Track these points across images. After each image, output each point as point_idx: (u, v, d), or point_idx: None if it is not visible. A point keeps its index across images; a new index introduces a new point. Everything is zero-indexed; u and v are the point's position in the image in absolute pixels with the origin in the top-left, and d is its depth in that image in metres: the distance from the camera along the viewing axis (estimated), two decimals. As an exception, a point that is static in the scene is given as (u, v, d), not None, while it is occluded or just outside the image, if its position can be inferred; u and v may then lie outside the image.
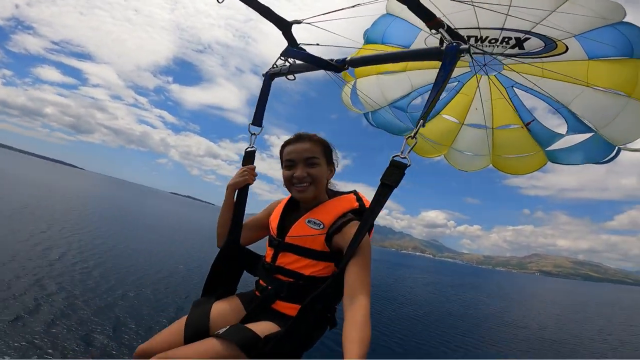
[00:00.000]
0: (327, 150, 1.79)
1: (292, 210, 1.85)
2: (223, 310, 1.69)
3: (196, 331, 1.55)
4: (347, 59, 1.92)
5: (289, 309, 1.60)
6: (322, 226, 1.61)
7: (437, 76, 1.49)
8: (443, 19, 1.57)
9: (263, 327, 1.50)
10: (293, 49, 2.02)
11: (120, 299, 8.36)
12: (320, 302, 1.44)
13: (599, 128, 3.62)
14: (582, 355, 11.61)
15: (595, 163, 4.02)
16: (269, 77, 2.09)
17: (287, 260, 1.66)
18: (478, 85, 4.10)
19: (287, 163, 1.74)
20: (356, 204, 1.70)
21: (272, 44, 20.61)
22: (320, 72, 2.17)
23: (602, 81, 3.13)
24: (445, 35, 1.60)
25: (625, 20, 2.66)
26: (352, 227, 1.53)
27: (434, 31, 1.66)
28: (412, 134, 1.39)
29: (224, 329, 1.46)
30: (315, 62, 1.95)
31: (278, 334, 1.44)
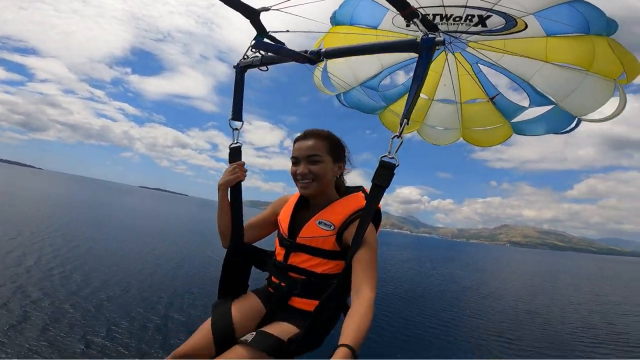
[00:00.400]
0: (333, 147, 1.78)
1: (302, 208, 1.87)
2: (243, 310, 1.74)
3: (222, 334, 1.60)
4: (322, 51, 1.83)
5: (305, 304, 1.67)
6: (332, 227, 1.65)
7: (415, 70, 1.47)
8: None
9: (284, 330, 1.56)
10: (263, 41, 1.93)
11: (106, 300, 8.33)
12: (333, 300, 1.50)
13: (559, 101, 3.79)
14: (557, 329, 12.38)
15: (557, 133, 4.22)
16: (240, 69, 2.01)
17: (299, 260, 1.70)
18: (445, 63, 4.19)
19: (293, 160, 1.78)
20: (364, 203, 1.68)
21: (238, 29, 19.26)
22: (296, 46, 2.10)
23: (560, 56, 3.26)
24: (420, 25, 1.55)
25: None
26: (357, 223, 1.56)
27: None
28: (398, 133, 1.40)
29: (250, 337, 1.51)
30: (288, 55, 1.87)
31: (299, 335, 1.50)
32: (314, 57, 1.81)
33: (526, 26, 3.09)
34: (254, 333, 1.54)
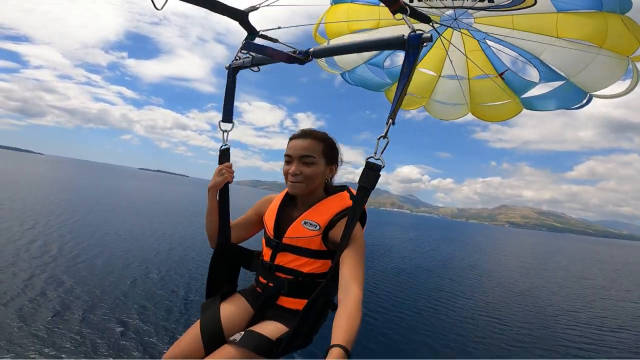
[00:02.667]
0: (328, 148, 1.77)
1: (288, 207, 1.87)
2: (231, 311, 1.76)
3: (211, 335, 1.63)
4: (310, 51, 1.78)
5: (292, 303, 1.70)
6: (318, 227, 1.65)
7: (402, 68, 1.43)
8: None
9: (273, 329, 1.60)
10: (253, 43, 1.90)
11: (132, 286, 8.67)
12: (321, 298, 1.53)
13: (571, 76, 3.65)
14: (541, 312, 12.51)
15: (568, 108, 4.10)
16: (232, 70, 1.99)
17: (286, 260, 1.71)
18: (451, 39, 4.03)
19: (286, 158, 1.76)
20: (349, 202, 1.73)
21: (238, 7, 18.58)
22: (291, 36, 2.05)
23: (571, 33, 3.11)
24: (408, 22, 1.51)
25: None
26: (344, 223, 1.56)
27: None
28: (384, 134, 1.37)
29: (239, 336, 1.54)
30: (276, 56, 1.82)
31: (288, 334, 1.53)
32: (302, 58, 1.77)
33: (535, 2, 2.93)
34: (243, 332, 1.58)
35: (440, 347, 8.25)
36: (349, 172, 1.80)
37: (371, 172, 1.42)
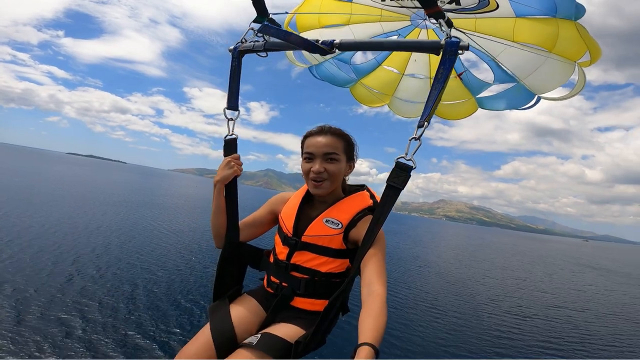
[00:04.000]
0: (349, 146, 1.77)
1: (305, 206, 1.83)
2: (242, 313, 1.69)
3: (224, 340, 1.55)
4: (336, 42, 1.71)
5: (307, 304, 1.67)
6: (340, 225, 1.65)
7: (437, 72, 1.47)
8: None
9: (289, 331, 1.55)
10: (273, 26, 1.79)
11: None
12: (340, 298, 1.51)
13: (522, 78, 4.00)
14: (468, 300, 13.80)
15: (517, 109, 4.48)
16: (238, 53, 1.87)
17: (304, 259, 1.68)
18: (418, 38, 4.23)
19: (307, 156, 1.72)
20: (370, 202, 1.75)
21: None
22: (248, 23, 1.88)
23: (525, 37, 3.40)
24: (445, 27, 1.55)
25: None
26: (366, 222, 1.59)
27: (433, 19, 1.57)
28: (417, 136, 1.40)
29: (255, 339, 1.49)
30: (298, 42, 1.73)
31: (306, 336, 1.50)
32: (327, 48, 1.72)
33: (497, 6, 3.18)
34: (259, 335, 1.52)
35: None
36: (299, 162, 1.86)
37: (402, 172, 1.46)
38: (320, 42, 1.72)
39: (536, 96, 4.11)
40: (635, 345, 10.88)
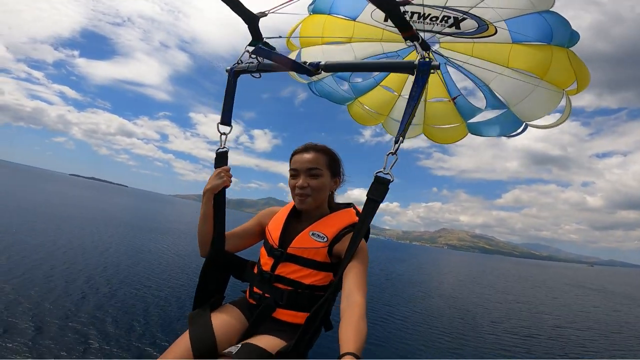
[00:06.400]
0: (332, 162, 1.85)
1: (293, 220, 1.86)
2: (223, 323, 1.67)
3: (204, 349, 1.51)
4: (321, 64, 1.89)
5: (289, 316, 1.66)
6: (325, 239, 1.68)
7: (411, 91, 1.58)
8: None
9: (270, 342, 1.53)
10: (265, 49, 1.96)
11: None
12: (322, 311, 1.51)
13: (511, 105, 4.17)
14: (471, 323, 13.88)
15: (505, 136, 4.65)
16: (234, 74, 2.02)
17: (288, 270, 1.69)
18: (416, 59, 4.41)
19: (292, 172, 1.79)
20: (356, 219, 1.78)
21: (207, 20, 17.93)
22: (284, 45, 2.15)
23: (519, 63, 3.59)
24: (419, 49, 1.70)
25: (552, 8, 3.07)
26: (350, 237, 1.61)
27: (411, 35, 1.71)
28: (393, 151, 1.49)
29: (235, 349, 1.46)
30: (287, 64, 1.91)
31: (288, 347, 1.47)
32: (313, 69, 1.88)
33: (496, 31, 3.37)
34: (239, 345, 1.49)
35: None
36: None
37: (380, 186, 1.53)
38: (307, 64, 1.87)
39: (524, 123, 4.28)
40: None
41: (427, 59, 1.59)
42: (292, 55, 4.57)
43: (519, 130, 4.43)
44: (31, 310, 6.88)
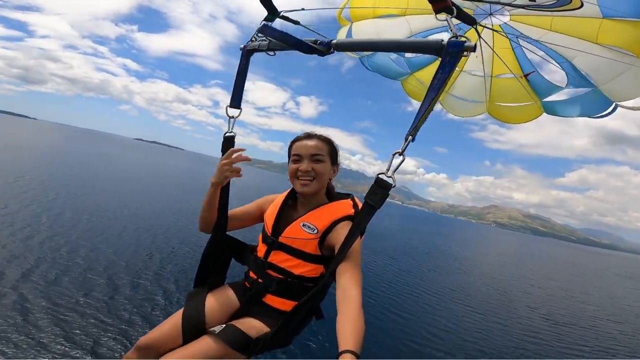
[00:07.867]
0: (333, 150, 1.81)
1: (289, 208, 1.87)
2: (216, 303, 1.77)
3: (192, 325, 1.63)
4: (333, 43, 1.69)
5: (278, 302, 1.71)
6: (316, 231, 1.65)
7: (434, 79, 1.29)
8: None
9: (254, 326, 1.61)
10: (271, 27, 1.79)
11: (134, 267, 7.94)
12: (308, 304, 1.54)
13: (600, 84, 3.52)
14: (508, 310, 12.98)
15: (590, 117, 3.99)
16: (246, 52, 1.89)
17: (279, 259, 1.72)
18: (480, 33, 3.84)
19: (294, 157, 1.76)
20: (352, 211, 1.71)
21: None
22: (314, 18, 1.93)
23: (611, 39, 2.96)
24: (452, 25, 1.36)
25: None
26: (344, 228, 1.58)
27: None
28: (400, 150, 1.31)
29: (219, 328, 1.56)
30: (294, 44, 1.72)
31: (268, 335, 1.55)
32: (323, 49, 1.69)
33: (581, 5, 2.76)
34: (224, 325, 1.58)
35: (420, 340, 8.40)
36: (345, 157, 2.06)
37: (380, 190, 1.37)
38: (317, 42, 1.70)
39: (614, 104, 3.61)
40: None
41: (461, 39, 1.28)
42: (343, 31, 4.27)
43: (609, 111, 3.78)
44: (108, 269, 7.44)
